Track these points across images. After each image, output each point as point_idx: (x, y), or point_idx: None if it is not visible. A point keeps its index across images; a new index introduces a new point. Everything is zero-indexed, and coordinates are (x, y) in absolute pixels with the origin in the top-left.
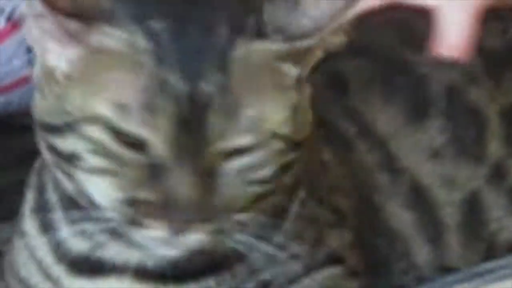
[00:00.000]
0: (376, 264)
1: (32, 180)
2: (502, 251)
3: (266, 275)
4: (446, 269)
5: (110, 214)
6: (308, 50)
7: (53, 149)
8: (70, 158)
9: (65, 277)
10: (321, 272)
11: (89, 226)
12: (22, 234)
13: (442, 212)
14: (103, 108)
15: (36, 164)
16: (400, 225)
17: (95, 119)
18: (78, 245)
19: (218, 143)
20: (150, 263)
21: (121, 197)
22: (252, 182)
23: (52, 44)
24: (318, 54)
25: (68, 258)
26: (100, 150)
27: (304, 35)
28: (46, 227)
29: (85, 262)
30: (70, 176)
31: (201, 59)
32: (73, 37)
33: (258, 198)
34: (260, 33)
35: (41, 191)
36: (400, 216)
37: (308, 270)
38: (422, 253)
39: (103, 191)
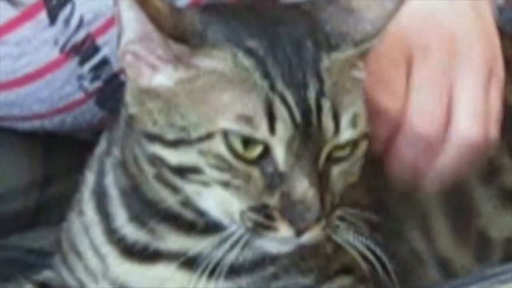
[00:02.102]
0: None
1: (93, 164)
2: None
3: (280, 284)
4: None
5: (232, 227)
6: (369, 50)
7: (157, 161)
8: (181, 171)
9: (113, 258)
10: (332, 283)
11: (153, 222)
12: (80, 212)
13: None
14: (228, 123)
15: (97, 151)
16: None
17: (216, 134)
18: (135, 234)
19: (331, 142)
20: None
21: (245, 206)
22: (347, 179)
23: (146, 68)
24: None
25: (121, 243)
26: (219, 164)
27: (366, 38)
28: (102, 210)
29: (137, 249)
30: (175, 188)
31: (302, 71)
32: (176, 60)
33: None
34: (330, 44)
35: (100, 176)
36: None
37: (320, 282)
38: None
39: (224, 202)
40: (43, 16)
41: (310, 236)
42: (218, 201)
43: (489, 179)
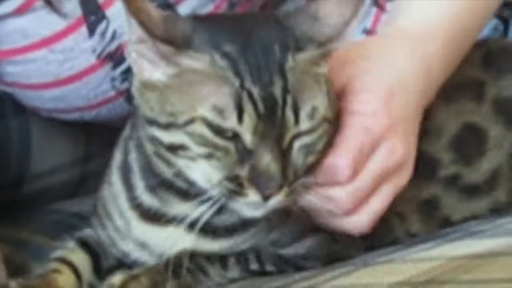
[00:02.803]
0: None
1: (120, 145)
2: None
3: (265, 241)
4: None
5: (211, 191)
6: (330, 51)
7: (155, 141)
8: (173, 149)
9: (134, 220)
10: (307, 239)
11: (162, 190)
12: (110, 183)
13: None
14: (204, 112)
15: (123, 134)
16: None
17: (197, 119)
18: (150, 201)
19: (292, 130)
20: (201, 219)
21: (222, 176)
22: (310, 154)
23: (146, 63)
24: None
25: (139, 208)
26: (203, 141)
27: (328, 41)
28: (126, 181)
29: (152, 213)
30: (169, 163)
31: (269, 71)
32: (165, 58)
33: (309, 166)
34: (298, 47)
35: (126, 154)
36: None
37: (296, 238)
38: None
39: (206, 172)
40: (83, 30)
41: (276, 201)
42: (202, 172)
43: (452, 184)
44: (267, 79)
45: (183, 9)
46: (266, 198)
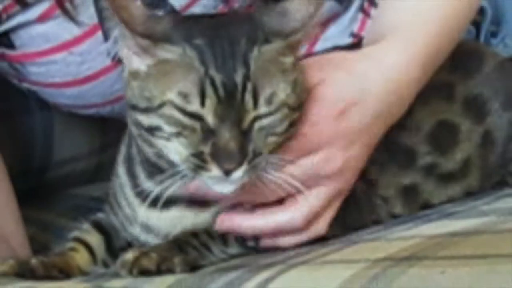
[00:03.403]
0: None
1: (125, 139)
2: None
3: None
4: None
5: (181, 167)
6: (297, 42)
7: (138, 124)
8: (151, 130)
9: (139, 206)
10: None
11: (161, 177)
12: (117, 175)
13: None
14: (172, 96)
15: (128, 129)
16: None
17: (166, 103)
18: (151, 187)
19: (251, 113)
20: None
21: (189, 152)
22: (271, 135)
23: (134, 56)
24: (301, 42)
25: (142, 195)
26: (172, 121)
27: (293, 33)
28: (130, 172)
29: (154, 198)
30: (150, 144)
31: (233, 60)
32: (145, 51)
33: (278, 145)
34: (266, 40)
35: (129, 148)
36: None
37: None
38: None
39: (177, 150)
40: (99, 35)
41: (237, 176)
42: (175, 151)
43: (430, 172)
44: (231, 67)
45: None
46: (227, 173)
